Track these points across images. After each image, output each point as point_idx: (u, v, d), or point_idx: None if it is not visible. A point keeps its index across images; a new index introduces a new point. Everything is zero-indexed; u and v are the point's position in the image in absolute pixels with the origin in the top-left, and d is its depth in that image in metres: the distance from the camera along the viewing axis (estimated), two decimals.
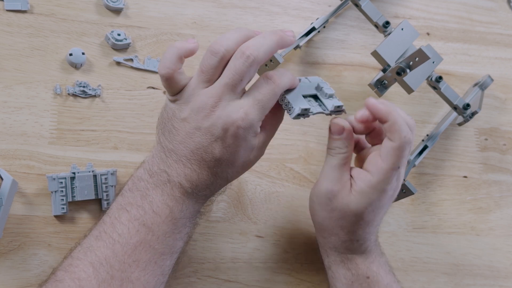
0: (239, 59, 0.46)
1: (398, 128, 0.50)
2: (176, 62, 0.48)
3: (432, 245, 0.69)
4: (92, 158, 0.61)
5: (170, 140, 0.49)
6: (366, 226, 0.54)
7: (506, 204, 0.73)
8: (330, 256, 0.57)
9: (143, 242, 0.48)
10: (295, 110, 0.49)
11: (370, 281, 0.55)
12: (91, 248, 0.48)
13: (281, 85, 0.48)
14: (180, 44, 0.48)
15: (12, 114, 0.61)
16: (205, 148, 0.48)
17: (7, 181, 0.55)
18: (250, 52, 0.46)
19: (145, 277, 0.48)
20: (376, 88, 0.64)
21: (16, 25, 0.65)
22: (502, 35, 0.85)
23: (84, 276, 0.47)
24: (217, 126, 0.47)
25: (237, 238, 0.63)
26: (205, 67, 0.48)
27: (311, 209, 0.57)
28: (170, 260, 0.51)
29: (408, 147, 0.50)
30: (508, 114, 0.80)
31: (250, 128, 0.47)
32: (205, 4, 0.73)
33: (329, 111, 0.51)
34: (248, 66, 0.46)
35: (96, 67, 0.66)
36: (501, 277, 0.69)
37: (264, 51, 0.47)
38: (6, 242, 0.56)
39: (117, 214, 0.50)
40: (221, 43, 0.47)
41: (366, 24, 0.77)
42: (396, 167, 0.51)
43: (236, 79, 0.47)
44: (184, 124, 0.48)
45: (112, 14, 0.69)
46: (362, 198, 0.52)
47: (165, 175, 0.49)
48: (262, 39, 0.48)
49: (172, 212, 0.49)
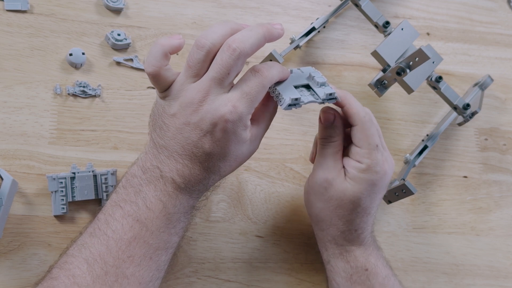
0: (226, 52, 0.46)
1: (356, 111, 0.53)
2: (161, 59, 0.48)
3: (432, 245, 0.69)
4: (92, 158, 0.61)
5: (161, 136, 0.49)
6: (364, 214, 0.55)
7: (506, 204, 0.73)
8: (329, 249, 0.57)
9: (137, 238, 0.48)
10: (286, 101, 0.49)
11: (368, 273, 0.56)
12: (86, 245, 0.48)
13: (269, 77, 0.48)
14: (164, 40, 0.48)
15: (12, 114, 0.61)
16: (195, 143, 0.48)
17: (7, 181, 0.55)
18: (237, 45, 0.46)
19: (140, 273, 0.48)
20: (376, 88, 0.64)
21: (16, 25, 0.65)
22: (502, 35, 0.85)
23: (78, 272, 0.47)
24: (206, 121, 0.47)
25: (237, 238, 0.63)
26: (192, 61, 0.48)
27: (307, 202, 0.58)
28: (165, 256, 0.51)
29: (371, 125, 0.53)
30: (508, 114, 0.80)
31: (239, 121, 0.47)
32: (205, 4, 0.73)
33: (321, 100, 0.51)
34: (234, 60, 0.46)
35: (96, 67, 0.66)
36: (501, 277, 0.69)
37: (251, 44, 0.47)
38: (6, 242, 0.56)
39: (111, 210, 0.50)
40: (207, 36, 0.47)
41: (366, 24, 0.77)
42: (374, 146, 0.53)
43: (223, 72, 0.46)
44: (173, 119, 0.48)
45: (112, 14, 0.69)
46: (356, 184, 0.53)
47: (157, 171, 0.49)
48: (249, 31, 0.47)
49: (166, 207, 0.49)
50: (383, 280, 0.56)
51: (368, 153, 0.53)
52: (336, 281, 0.57)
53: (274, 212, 0.65)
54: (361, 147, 0.53)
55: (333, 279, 0.58)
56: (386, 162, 0.54)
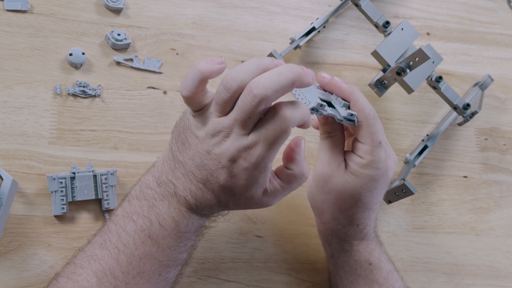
0: (247, 97, 0.44)
1: (361, 107, 0.53)
2: (198, 85, 0.46)
3: (432, 245, 0.69)
4: (92, 158, 0.61)
5: (181, 151, 0.49)
6: (365, 209, 0.55)
7: (506, 204, 0.73)
8: (332, 244, 0.58)
9: (148, 254, 0.48)
10: (311, 103, 0.48)
11: (372, 267, 0.56)
12: (95, 257, 0.48)
13: (292, 121, 0.45)
14: (204, 65, 0.46)
15: (12, 114, 0.61)
16: (212, 172, 0.47)
17: (7, 181, 0.55)
18: (257, 92, 0.43)
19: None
20: (376, 88, 0.64)
21: (16, 25, 0.65)
22: (502, 35, 0.85)
23: (87, 285, 0.47)
24: (225, 157, 0.46)
25: (237, 238, 0.63)
26: (219, 100, 0.46)
27: (309, 194, 0.58)
28: (174, 272, 0.51)
29: (376, 122, 0.53)
30: (508, 114, 0.80)
31: (257, 164, 0.46)
32: (205, 4, 0.73)
33: (341, 117, 0.52)
34: (255, 106, 0.44)
35: (96, 67, 0.66)
36: (501, 277, 0.69)
37: (274, 91, 0.43)
38: (6, 242, 0.56)
39: (123, 222, 0.49)
40: (235, 78, 0.45)
41: (366, 24, 0.77)
42: (377, 143, 0.53)
43: (244, 116, 0.45)
44: (197, 142, 0.48)
45: (112, 14, 0.69)
46: (356, 179, 0.53)
47: (172, 186, 0.49)
48: (277, 75, 0.44)
49: (178, 226, 0.49)
50: (386, 274, 0.56)
51: (371, 150, 0.53)
52: (340, 275, 0.57)
53: (274, 212, 0.65)
54: (364, 143, 0.53)
55: (336, 273, 0.58)
56: (388, 158, 0.54)
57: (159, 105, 0.66)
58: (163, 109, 0.66)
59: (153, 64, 0.68)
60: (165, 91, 0.67)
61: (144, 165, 0.61)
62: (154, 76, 0.67)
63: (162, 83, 0.67)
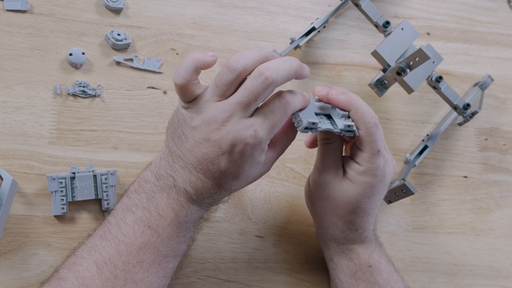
0: (257, 79, 0.46)
1: (361, 115, 0.52)
2: (192, 73, 0.48)
3: (432, 245, 0.69)
4: (92, 158, 0.61)
5: (178, 146, 0.49)
6: (364, 214, 0.55)
7: (506, 204, 0.73)
8: (331, 247, 0.58)
9: (148, 244, 0.49)
10: (303, 123, 0.49)
11: (372, 270, 0.56)
12: (96, 248, 0.49)
13: (293, 106, 0.49)
14: (198, 55, 0.48)
15: (12, 114, 0.61)
16: (212, 160, 0.48)
17: (7, 181, 0.55)
18: (269, 74, 0.46)
19: (148, 278, 0.49)
20: (376, 88, 0.64)
21: (16, 25, 0.65)
22: (502, 35, 0.85)
23: (87, 275, 0.47)
24: (226, 141, 0.47)
25: (237, 238, 0.63)
26: (220, 82, 0.47)
27: (307, 200, 0.59)
28: (173, 263, 0.51)
29: (376, 130, 0.52)
30: (508, 114, 0.80)
31: (258, 146, 0.48)
32: (205, 4, 0.73)
33: (339, 130, 0.51)
34: (265, 88, 0.46)
35: (96, 67, 0.66)
36: (501, 277, 0.69)
37: (283, 76, 0.47)
38: (6, 242, 0.56)
39: (122, 215, 0.50)
40: (240, 60, 0.47)
41: (366, 24, 0.77)
42: (376, 151, 0.53)
43: (251, 98, 0.46)
44: (193, 132, 0.48)
45: (112, 14, 0.69)
46: (354, 185, 0.54)
47: (171, 179, 0.50)
48: (284, 63, 0.47)
49: (177, 216, 0.50)
50: (386, 276, 0.56)
51: (369, 158, 0.53)
52: (340, 279, 0.57)
53: (274, 212, 0.65)
54: (363, 150, 0.53)
55: (336, 276, 0.58)
56: (387, 165, 0.54)
57: (159, 105, 0.66)
58: (163, 109, 0.66)
59: (153, 64, 0.68)
60: (165, 91, 0.67)
61: (144, 165, 0.61)
62: (154, 76, 0.67)
63: (162, 83, 0.67)
